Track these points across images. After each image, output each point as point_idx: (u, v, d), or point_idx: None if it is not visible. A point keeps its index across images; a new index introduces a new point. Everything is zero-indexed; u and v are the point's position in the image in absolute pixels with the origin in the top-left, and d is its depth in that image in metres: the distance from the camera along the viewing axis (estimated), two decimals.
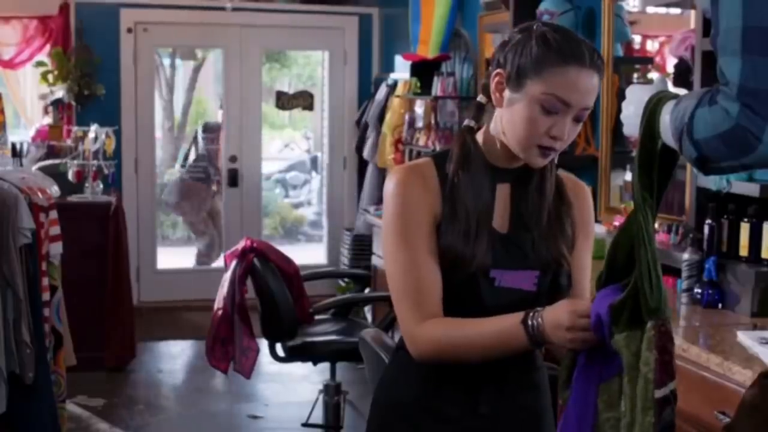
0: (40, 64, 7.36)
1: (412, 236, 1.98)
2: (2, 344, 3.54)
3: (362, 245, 7.03)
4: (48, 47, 7.42)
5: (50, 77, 7.29)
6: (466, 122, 2.08)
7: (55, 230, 3.94)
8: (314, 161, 11.43)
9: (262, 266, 4.16)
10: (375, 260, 5.79)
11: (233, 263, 4.21)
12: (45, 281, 3.88)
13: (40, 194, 3.84)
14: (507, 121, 1.98)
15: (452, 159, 2.02)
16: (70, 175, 6.04)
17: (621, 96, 4.54)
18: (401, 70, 7.26)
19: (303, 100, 7.97)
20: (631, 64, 4.83)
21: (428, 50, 6.27)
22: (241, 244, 4.23)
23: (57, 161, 6.37)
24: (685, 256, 3.33)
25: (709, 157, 1.49)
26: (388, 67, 7.80)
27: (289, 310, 4.16)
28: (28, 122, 7.68)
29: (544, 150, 1.94)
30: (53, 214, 3.93)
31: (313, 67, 12.78)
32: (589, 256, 2.15)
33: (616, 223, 4.11)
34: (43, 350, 3.81)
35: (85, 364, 4.66)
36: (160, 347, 6.75)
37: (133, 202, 7.64)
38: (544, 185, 2.05)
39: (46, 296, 3.89)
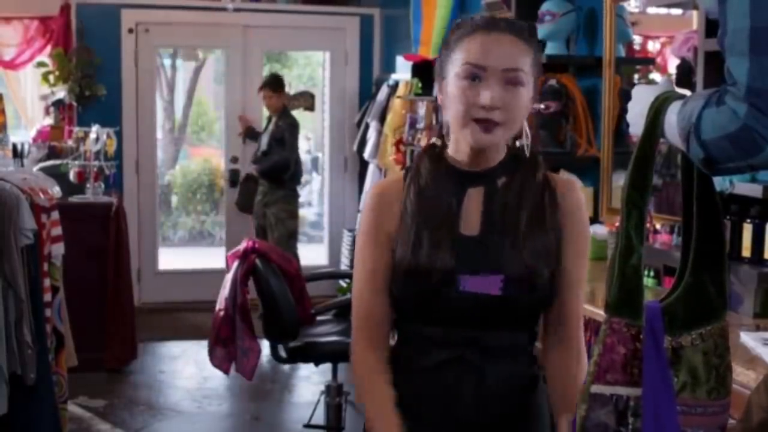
0: (41, 64, 7.35)
1: (374, 262, 2.04)
2: (3, 345, 3.54)
3: None
4: (49, 48, 7.41)
5: (51, 78, 7.28)
6: (432, 140, 2.09)
7: (57, 231, 3.94)
8: (315, 162, 11.44)
9: (264, 267, 4.15)
10: None
11: (235, 264, 4.21)
12: (46, 282, 3.88)
13: (41, 195, 3.84)
14: (447, 111, 1.99)
15: (408, 175, 2.06)
16: (72, 176, 6.04)
17: (623, 97, 4.56)
18: (402, 71, 7.24)
19: (304, 100, 7.97)
20: (633, 64, 4.82)
21: (429, 51, 6.26)
22: (242, 245, 4.22)
23: (58, 162, 6.36)
24: None
25: (716, 158, 1.49)
26: (389, 67, 7.79)
27: (290, 311, 4.15)
28: (29, 123, 7.68)
29: (481, 123, 1.92)
30: (55, 215, 3.93)
31: (313, 67, 12.75)
32: (582, 273, 2.07)
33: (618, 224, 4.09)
34: (45, 351, 3.81)
35: (85, 364, 4.65)
36: (161, 348, 6.74)
37: (134, 203, 7.64)
38: (524, 186, 2.01)
39: (47, 297, 3.89)
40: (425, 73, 6.39)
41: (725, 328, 1.65)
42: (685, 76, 3.92)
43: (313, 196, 11.60)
